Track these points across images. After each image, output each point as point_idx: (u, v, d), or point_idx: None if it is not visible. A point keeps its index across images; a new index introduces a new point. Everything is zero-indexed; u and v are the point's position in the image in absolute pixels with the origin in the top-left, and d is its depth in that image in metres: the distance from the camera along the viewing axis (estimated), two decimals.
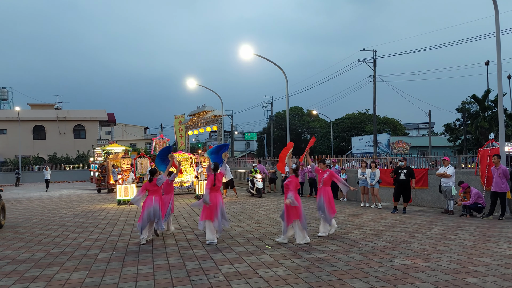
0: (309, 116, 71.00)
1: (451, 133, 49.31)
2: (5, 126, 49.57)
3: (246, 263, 6.90)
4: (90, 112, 53.16)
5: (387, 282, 5.73)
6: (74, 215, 14.12)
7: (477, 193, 11.61)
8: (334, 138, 57.75)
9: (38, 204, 18.73)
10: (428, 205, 14.16)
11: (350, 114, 64.63)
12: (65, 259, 7.59)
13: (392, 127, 57.88)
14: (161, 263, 7.08)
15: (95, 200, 19.75)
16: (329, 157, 21.97)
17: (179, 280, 6.02)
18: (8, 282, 6.19)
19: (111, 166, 24.62)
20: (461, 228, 9.84)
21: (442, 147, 47.62)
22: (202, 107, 30.63)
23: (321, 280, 5.87)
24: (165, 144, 25.22)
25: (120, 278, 6.22)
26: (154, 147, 24.69)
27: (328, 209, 9.27)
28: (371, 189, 14.38)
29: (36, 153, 48.04)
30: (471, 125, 41.97)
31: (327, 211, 9.25)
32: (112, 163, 24.89)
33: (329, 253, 7.52)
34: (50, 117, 50.99)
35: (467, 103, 46.16)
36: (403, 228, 10.05)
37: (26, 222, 12.77)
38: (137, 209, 15.32)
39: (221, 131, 28.75)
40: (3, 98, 57.06)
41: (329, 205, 9.30)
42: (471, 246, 7.88)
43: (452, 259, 6.88)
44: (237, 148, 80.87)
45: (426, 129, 66.61)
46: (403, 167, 13.02)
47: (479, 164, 12.58)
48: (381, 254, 7.37)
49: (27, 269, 6.90)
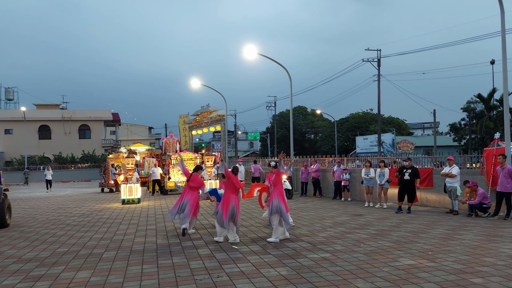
0: (313, 116, 70.96)
1: (456, 132, 49.12)
2: (11, 126, 49.88)
3: (250, 263, 6.90)
4: (95, 112, 53.39)
5: (391, 282, 5.72)
6: (79, 214, 14.19)
7: (483, 193, 11.57)
8: (338, 138, 57.68)
9: (44, 203, 18.83)
10: (433, 205, 14.11)
11: (355, 114, 64.55)
12: (70, 258, 7.62)
13: (396, 126, 57.75)
14: (165, 262, 7.10)
15: (100, 200, 19.83)
16: (333, 156, 21.87)
17: (183, 280, 6.04)
18: (13, 281, 6.23)
19: (111, 166, 24.72)
20: (466, 228, 9.80)
21: (447, 146, 47.46)
22: (206, 107, 30.67)
23: (325, 280, 5.86)
24: (174, 144, 25.09)
25: (124, 277, 6.24)
26: (165, 146, 24.72)
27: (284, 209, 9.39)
28: (380, 189, 14.32)
29: (41, 152, 48.31)
30: (477, 125, 41.78)
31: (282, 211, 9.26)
32: (112, 163, 25.00)
33: (333, 253, 7.52)
34: (55, 117, 51.27)
35: (472, 102, 45.96)
36: (408, 228, 10.02)
37: (32, 221, 12.84)
38: (141, 208, 15.39)
39: (224, 131, 28.78)
40: (9, 98, 57.43)
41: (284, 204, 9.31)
42: (476, 246, 7.85)
43: (457, 259, 6.85)
44: (240, 148, 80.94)
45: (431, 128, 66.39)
46: (408, 167, 12.98)
47: (484, 164, 12.52)
48: (385, 254, 7.35)
49: (33, 268, 6.94)
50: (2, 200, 11.47)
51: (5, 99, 57.09)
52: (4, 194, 11.83)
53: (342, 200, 16.67)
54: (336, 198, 17.29)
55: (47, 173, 27.53)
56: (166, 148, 24.54)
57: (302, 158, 22.51)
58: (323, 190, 18.91)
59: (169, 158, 22.24)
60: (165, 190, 21.67)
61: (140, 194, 17.90)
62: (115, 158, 25.74)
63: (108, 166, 25.21)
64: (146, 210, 14.77)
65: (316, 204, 15.41)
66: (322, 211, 13.60)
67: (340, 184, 16.95)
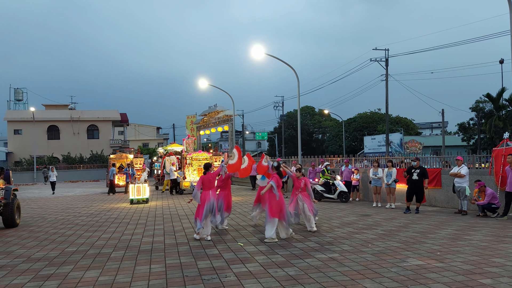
0: (320, 116, 70.76)
1: (465, 132, 48.73)
2: (20, 126, 50.27)
3: (258, 263, 6.91)
4: (103, 113, 53.66)
5: (399, 282, 5.69)
6: (88, 214, 14.28)
7: (492, 193, 11.48)
8: (346, 138, 57.46)
9: (52, 203, 18.97)
10: (441, 205, 14.02)
11: (362, 114, 64.23)
12: (79, 257, 7.68)
13: (404, 126, 57.37)
14: (173, 262, 7.13)
15: (108, 200, 19.94)
16: (341, 156, 21.81)
17: (191, 279, 6.06)
18: (23, 280, 6.29)
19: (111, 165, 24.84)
20: (475, 229, 9.73)
21: (456, 146, 47.08)
22: (213, 107, 30.73)
23: (333, 280, 5.85)
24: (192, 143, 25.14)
25: (132, 277, 6.28)
26: (186, 147, 24.83)
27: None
28: (388, 189, 14.24)
29: (50, 153, 48.65)
30: (485, 124, 41.40)
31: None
32: (112, 162, 25.14)
33: (341, 253, 7.50)
34: (64, 117, 51.60)
35: (481, 102, 45.57)
36: (416, 228, 9.97)
37: (41, 221, 12.95)
38: (149, 208, 15.45)
39: (232, 131, 28.81)
40: (19, 99, 57.85)
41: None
42: (485, 246, 7.79)
43: (466, 260, 6.80)
44: (248, 148, 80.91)
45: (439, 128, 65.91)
46: (416, 167, 12.91)
47: (493, 164, 12.42)
48: (393, 254, 7.32)
49: (42, 267, 7.00)
50: (11, 200, 11.58)
51: (15, 100, 57.50)
52: (13, 194, 11.95)
53: (350, 200, 16.60)
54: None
55: (51, 175, 25.66)
56: (187, 148, 24.62)
57: (309, 158, 22.47)
58: None
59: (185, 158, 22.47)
60: (180, 189, 21.91)
61: (148, 194, 17.99)
62: (117, 158, 25.91)
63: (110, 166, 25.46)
64: (154, 210, 14.83)
65: (323, 204, 15.36)
66: (330, 211, 13.57)
67: (349, 184, 16.89)
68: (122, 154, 26.94)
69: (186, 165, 21.87)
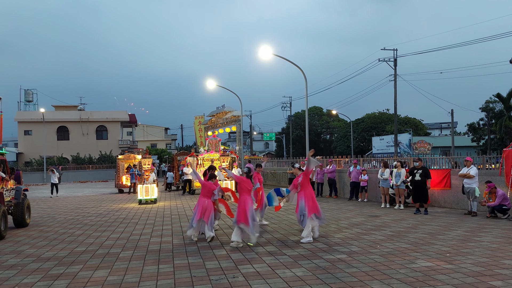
0: (328, 116, 70.58)
1: (475, 133, 48.33)
2: (30, 127, 50.76)
3: (266, 263, 6.90)
4: (112, 113, 53.98)
5: (408, 284, 5.65)
6: (97, 214, 14.38)
7: (503, 194, 11.36)
8: (354, 138, 57.23)
9: (62, 203, 19.13)
10: (450, 206, 13.91)
11: (371, 114, 63.98)
12: (88, 257, 7.74)
13: (413, 127, 57.03)
14: (181, 262, 7.15)
15: (117, 200, 20.06)
16: (349, 157, 21.73)
17: (198, 280, 6.07)
18: (33, 279, 6.35)
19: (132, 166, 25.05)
20: (485, 230, 9.63)
21: (465, 147, 46.70)
22: (221, 107, 30.74)
23: (340, 281, 5.83)
24: (217, 143, 25.14)
25: (141, 277, 6.31)
26: (208, 147, 24.93)
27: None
28: (396, 190, 14.15)
29: (60, 153, 49.04)
30: (496, 125, 41.04)
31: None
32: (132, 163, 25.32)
33: (349, 254, 7.47)
34: (73, 118, 52.00)
35: (491, 102, 45.20)
36: (425, 229, 9.90)
37: (51, 221, 13.06)
38: (157, 209, 15.52)
39: (240, 131, 28.80)
40: (29, 100, 58.39)
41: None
42: (495, 248, 7.71)
43: (476, 262, 6.74)
44: (256, 148, 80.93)
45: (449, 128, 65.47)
46: (418, 168, 12.84)
47: (503, 165, 12.29)
48: (402, 255, 7.28)
49: (51, 267, 7.06)
50: (22, 200, 11.70)
51: (25, 101, 58.04)
52: (23, 194, 12.07)
53: (358, 201, 16.53)
54: (352, 199, 17.17)
55: (52, 176, 23.82)
56: (209, 147, 24.68)
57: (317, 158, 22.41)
58: (339, 191, 18.80)
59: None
60: (192, 189, 22.03)
61: (157, 194, 18.07)
62: (125, 159, 26.10)
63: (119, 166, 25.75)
64: (162, 211, 14.89)
65: (331, 205, 15.32)
66: (338, 212, 13.52)
67: (357, 185, 16.83)
68: (130, 155, 27.11)
69: (197, 166, 22.00)
